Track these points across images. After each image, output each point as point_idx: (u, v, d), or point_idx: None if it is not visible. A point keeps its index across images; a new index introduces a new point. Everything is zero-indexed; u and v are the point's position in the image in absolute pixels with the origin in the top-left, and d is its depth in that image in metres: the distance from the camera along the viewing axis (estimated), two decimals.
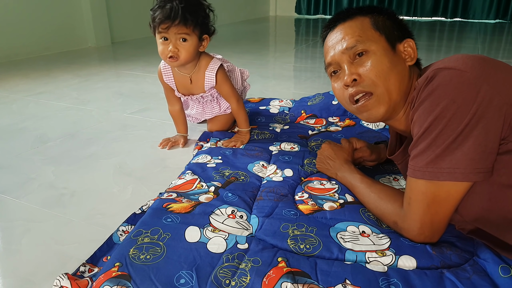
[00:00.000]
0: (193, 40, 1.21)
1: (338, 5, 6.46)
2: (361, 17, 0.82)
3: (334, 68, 0.84)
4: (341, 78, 0.82)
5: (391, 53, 0.78)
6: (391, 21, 0.82)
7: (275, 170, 1.10)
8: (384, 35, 0.79)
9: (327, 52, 0.84)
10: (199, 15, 1.20)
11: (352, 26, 0.81)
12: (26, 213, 1.00)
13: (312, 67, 2.83)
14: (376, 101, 0.78)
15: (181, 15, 1.16)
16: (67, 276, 0.71)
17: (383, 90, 0.77)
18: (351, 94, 0.80)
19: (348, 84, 0.79)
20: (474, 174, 0.65)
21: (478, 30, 4.84)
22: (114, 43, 3.83)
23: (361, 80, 0.78)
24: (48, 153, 1.36)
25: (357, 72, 0.78)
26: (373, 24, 0.80)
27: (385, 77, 0.77)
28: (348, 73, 0.79)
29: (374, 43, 0.78)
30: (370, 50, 0.78)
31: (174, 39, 1.19)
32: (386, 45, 0.79)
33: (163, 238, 0.78)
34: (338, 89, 0.84)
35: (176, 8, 1.15)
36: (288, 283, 0.65)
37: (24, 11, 3.06)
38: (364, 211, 0.88)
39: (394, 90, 0.77)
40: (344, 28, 0.82)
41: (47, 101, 1.98)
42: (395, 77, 0.77)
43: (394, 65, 0.78)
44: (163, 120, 1.67)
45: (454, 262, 0.71)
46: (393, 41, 0.80)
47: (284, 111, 1.68)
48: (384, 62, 0.77)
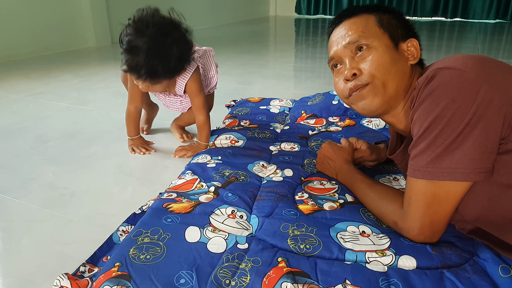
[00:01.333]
0: (165, 81, 1.17)
1: (338, 5, 6.46)
2: (366, 14, 0.83)
3: (336, 62, 0.85)
4: (342, 73, 0.83)
5: (393, 51, 0.79)
6: (397, 20, 0.82)
7: (275, 170, 1.10)
8: (388, 33, 0.80)
9: (331, 46, 0.86)
10: (170, 59, 1.10)
11: (357, 22, 0.82)
12: (26, 213, 1.00)
13: (312, 67, 2.83)
14: (371, 90, 0.79)
15: (146, 72, 1.08)
16: (67, 276, 0.71)
17: (379, 82, 0.78)
18: (351, 88, 0.81)
19: (348, 79, 0.80)
20: (475, 174, 0.65)
21: (478, 30, 4.84)
22: (114, 43, 3.83)
23: (360, 74, 0.79)
24: (48, 153, 1.36)
25: (357, 67, 0.79)
26: (377, 22, 0.81)
27: (384, 71, 0.78)
28: (348, 68, 0.80)
29: (377, 39, 0.79)
30: (372, 46, 0.79)
31: (145, 85, 1.15)
32: (389, 42, 0.79)
33: (163, 238, 0.78)
34: (339, 84, 0.85)
35: (140, 64, 1.06)
36: (288, 283, 0.65)
37: (24, 11, 3.06)
38: (364, 211, 0.88)
39: (392, 84, 0.78)
40: (349, 24, 0.83)
41: (47, 101, 1.98)
42: (395, 72, 0.78)
43: (395, 62, 0.78)
44: (163, 120, 1.67)
45: (454, 262, 0.71)
46: (397, 39, 0.80)
47: (285, 111, 1.68)
48: (384, 58, 0.78)
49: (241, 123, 1.52)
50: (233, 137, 1.35)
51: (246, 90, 2.21)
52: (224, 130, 1.43)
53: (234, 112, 1.65)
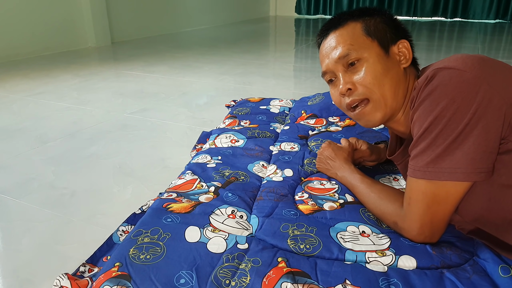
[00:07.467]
0: None
1: (338, 5, 6.46)
2: (352, 22, 0.82)
3: (330, 77, 0.85)
4: (337, 86, 0.83)
5: (384, 58, 0.79)
6: (384, 23, 0.81)
7: (275, 170, 1.10)
8: (377, 40, 0.79)
9: (322, 60, 0.86)
10: None
11: (343, 35, 0.81)
12: (26, 213, 1.00)
13: (312, 67, 2.83)
14: (373, 107, 0.79)
15: None
16: (67, 276, 0.71)
17: (378, 96, 0.78)
18: (348, 103, 0.81)
19: (344, 94, 0.81)
20: (475, 174, 0.65)
21: (478, 30, 4.84)
22: (114, 43, 3.83)
23: (355, 89, 0.79)
24: (48, 153, 1.36)
25: (351, 81, 0.79)
26: (364, 30, 0.80)
27: (379, 83, 0.77)
28: (343, 83, 0.80)
29: (367, 50, 0.79)
30: (362, 58, 0.78)
31: None
32: (379, 50, 0.79)
33: (163, 238, 0.78)
34: (336, 96, 0.85)
35: None
36: (288, 283, 0.65)
37: (24, 11, 3.06)
38: (364, 211, 0.88)
39: (390, 95, 0.78)
40: (336, 36, 0.82)
41: (47, 101, 1.98)
42: (390, 82, 0.78)
43: (388, 71, 0.78)
44: (163, 120, 1.67)
45: (454, 262, 0.71)
46: (386, 44, 0.80)
47: (285, 111, 1.68)
48: (377, 69, 0.77)
49: (241, 123, 1.52)
50: (233, 137, 1.35)
51: (246, 90, 2.21)
52: (224, 129, 1.43)
53: (234, 112, 1.65)
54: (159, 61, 3.07)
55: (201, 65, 2.92)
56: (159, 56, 3.28)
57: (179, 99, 2.05)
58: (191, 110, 1.87)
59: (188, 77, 2.54)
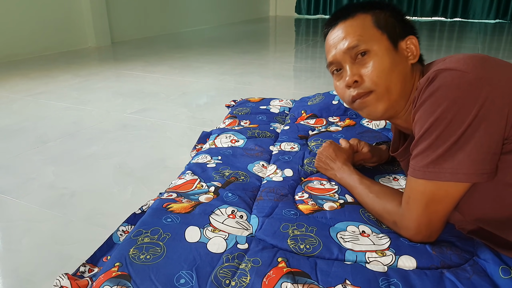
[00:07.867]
0: None
1: (338, 5, 6.46)
2: (362, 14, 0.80)
3: (336, 67, 0.83)
4: (343, 78, 0.82)
5: (393, 53, 0.78)
6: (394, 18, 0.81)
7: (275, 170, 1.10)
8: (386, 34, 0.79)
9: (329, 51, 0.84)
10: None
11: (353, 25, 0.80)
12: (26, 213, 1.00)
13: (312, 67, 2.83)
14: (375, 98, 0.78)
15: None
16: (67, 276, 0.71)
17: (382, 89, 0.77)
18: (353, 96, 0.80)
19: (350, 85, 0.79)
20: (477, 175, 0.65)
21: (478, 30, 4.84)
22: (114, 43, 3.83)
23: (362, 81, 0.78)
24: (48, 153, 1.36)
25: (358, 73, 0.78)
26: (374, 22, 0.79)
27: (386, 77, 0.77)
28: (350, 74, 0.79)
29: (376, 42, 0.78)
30: (371, 50, 0.77)
31: None
32: (388, 44, 0.78)
33: (163, 238, 0.78)
34: (340, 88, 0.83)
35: None
36: (288, 283, 0.65)
37: (24, 11, 3.06)
38: (364, 211, 0.88)
39: (395, 89, 0.77)
40: (345, 27, 0.81)
41: (47, 101, 1.98)
42: (397, 77, 0.77)
43: (396, 65, 0.77)
44: (163, 120, 1.67)
45: (454, 262, 0.71)
46: (395, 39, 0.79)
47: (285, 111, 1.68)
48: (385, 63, 0.77)
49: (241, 123, 1.52)
50: (233, 137, 1.35)
51: (246, 90, 2.21)
52: (224, 129, 1.43)
53: (234, 112, 1.65)
54: (159, 61, 3.07)
55: (201, 65, 2.92)
56: (159, 56, 3.28)
57: (179, 99, 2.05)
58: (191, 110, 1.87)
59: (188, 77, 2.54)
